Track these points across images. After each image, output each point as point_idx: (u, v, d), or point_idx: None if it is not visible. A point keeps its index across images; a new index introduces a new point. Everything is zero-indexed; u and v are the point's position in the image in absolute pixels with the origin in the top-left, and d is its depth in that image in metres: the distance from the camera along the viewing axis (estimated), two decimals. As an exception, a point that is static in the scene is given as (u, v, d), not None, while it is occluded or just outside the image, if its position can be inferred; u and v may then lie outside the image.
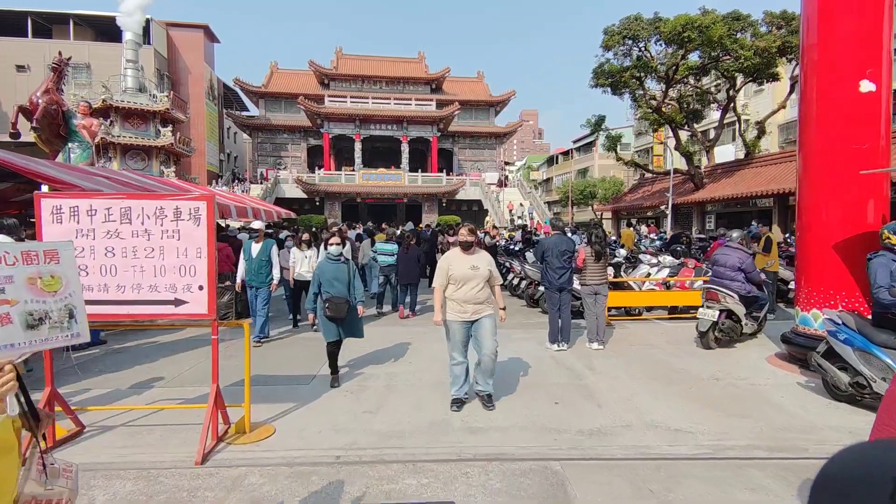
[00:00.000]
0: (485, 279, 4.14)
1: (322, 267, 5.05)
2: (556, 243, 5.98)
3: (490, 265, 4.23)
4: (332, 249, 5.09)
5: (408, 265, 8.94)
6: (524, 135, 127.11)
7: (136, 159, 22.07)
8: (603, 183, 37.68)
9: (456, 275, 4.08)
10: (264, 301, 6.66)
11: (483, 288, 4.14)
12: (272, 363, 5.73)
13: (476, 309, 4.12)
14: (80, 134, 16.44)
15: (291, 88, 41.62)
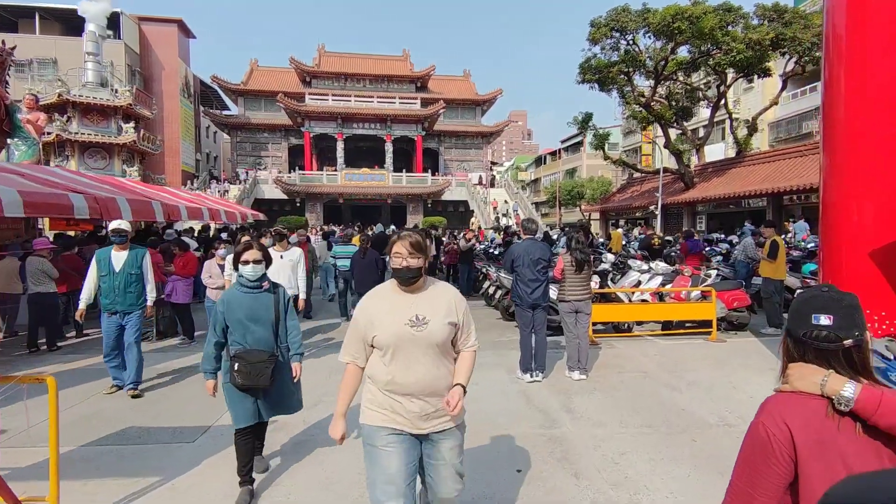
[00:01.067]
0: (442, 344, 2.05)
1: (229, 299, 3.01)
2: (527, 250, 4.92)
3: (456, 313, 2.11)
4: (247, 271, 3.02)
5: (364, 271, 7.92)
6: (513, 136, 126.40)
7: (95, 158, 20.71)
8: (591, 183, 36.88)
9: (382, 336, 2.02)
10: (135, 332, 4.74)
11: (442, 362, 2.08)
12: (159, 409, 4.42)
13: (427, 410, 2.04)
14: (25, 129, 15.12)
15: (272, 86, 40.28)
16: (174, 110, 36.26)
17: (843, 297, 1.18)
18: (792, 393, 1.15)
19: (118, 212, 8.74)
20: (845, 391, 1.06)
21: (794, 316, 1.22)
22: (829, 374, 1.11)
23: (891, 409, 1.02)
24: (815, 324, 1.15)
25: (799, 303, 1.22)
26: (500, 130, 43.56)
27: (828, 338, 1.14)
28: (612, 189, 34.89)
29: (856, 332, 1.13)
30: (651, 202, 24.80)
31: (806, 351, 1.17)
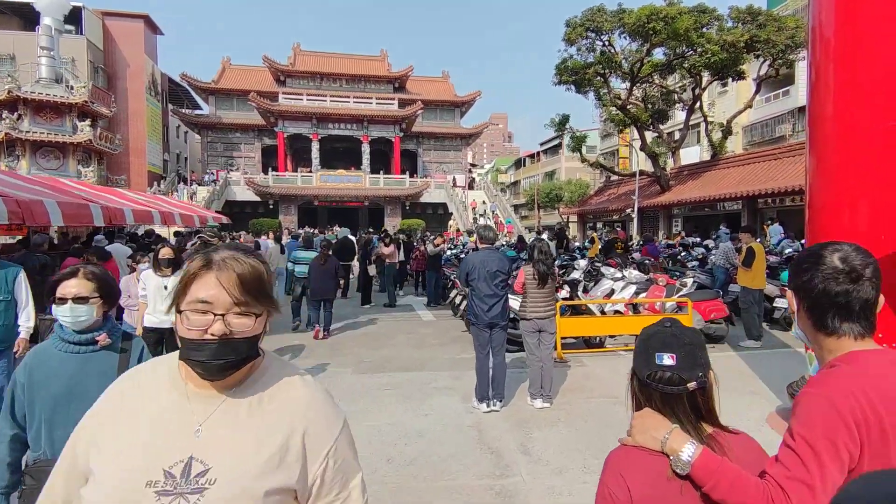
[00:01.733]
0: None
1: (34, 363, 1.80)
2: (483, 261, 4.36)
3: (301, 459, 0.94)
4: (64, 314, 1.83)
5: (322, 278, 7.38)
6: (494, 138, 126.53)
7: (48, 158, 19.53)
8: (569, 185, 36.74)
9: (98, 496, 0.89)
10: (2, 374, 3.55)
11: None
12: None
13: None
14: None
15: (244, 85, 39.13)
16: (139, 109, 34.85)
17: (684, 334, 1.10)
18: (634, 447, 1.06)
19: (45, 216, 7.94)
20: (683, 454, 0.98)
21: (638, 354, 1.13)
22: (672, 430, 1.02)
23: (725, 485, 0.95)
24: (658, 364, 1.07)
25: (642, 339, 1.14)
26: (479, 132, 43.19)
27: (671, 380, 1.05)
28: (590, 192, 34.80)
29: (699, 373, 1.06)
30: (628, 205, 24.63)
31: (652, 395, 1.09)
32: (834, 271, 1.07)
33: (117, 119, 33.87)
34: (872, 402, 0.96)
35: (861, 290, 1.06)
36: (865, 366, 1.03)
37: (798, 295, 1.15)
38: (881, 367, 1.02)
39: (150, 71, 36.10)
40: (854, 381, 1.00)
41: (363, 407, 4.52)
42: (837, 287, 1.06)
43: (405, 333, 7.77)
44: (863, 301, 1.06)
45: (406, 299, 11.36)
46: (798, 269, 1.15)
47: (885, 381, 0.99)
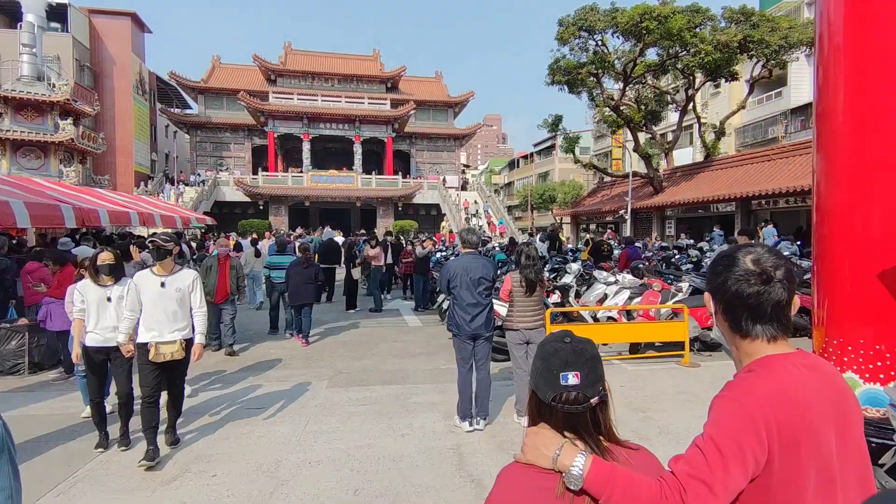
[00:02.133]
0: None
1: None
2: (466, 268, 4.02)
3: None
4: None
5: (300, 283, 7.05)
6: (488, 139, 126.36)
7: (29, 157, 18.98)
8: (563, 186, 36.52)
9: None
10: None
11: None
12: None
13: None
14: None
15: (234, 84, 38.62)
16: (126, 108, 34.26)
17: (585, 349, 1.07)
18: (526, 465, 1.04)
19: (10, 217, 7.52)
20: (574, 468, 0.96)
21: (540, 375, 1.07)
22: (562, 445, 1.00)
23: (618, 494, 0.93)
24: (564, 385, 1.03)
25: (542, 359, 1.08)
26: (472, 133, 42.93)
27: (577, 399, 1.03)
28: (584, 193, 34.59)
29: (600, 388, 1.06)
30: (621, 206, 24.41)
31: (554, 414, 1.05)
32: (746, 273, 1.06)
33: (103, 118, 33.26)
34: (785, 408, 0.96)
35: (772, 291, 1.05)
36: (780, 371, 1.02)
37: (714, 297, 1.14)
38: (795, 372, 1.01)
39: (137, 69, 35.50)
40: (768, 386, 0.99)
41: (334, 426, 4.16)
42: (749, 289, 1.06)
43: (389, 341, 7.41)
44: (774, 303, 1.05)
45: (393, 303, 11.01)
46: (713, 271, 1.14)
47: (798, 386, 0.99)
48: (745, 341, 1.08)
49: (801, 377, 1.00)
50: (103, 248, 4.11)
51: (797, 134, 24.92)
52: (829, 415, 0.98)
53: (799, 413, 0.96)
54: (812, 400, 0.98)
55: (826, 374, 1.04)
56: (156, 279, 3.72)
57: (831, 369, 1.09)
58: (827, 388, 1.01)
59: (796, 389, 0.98)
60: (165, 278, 3.75)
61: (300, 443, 3.83)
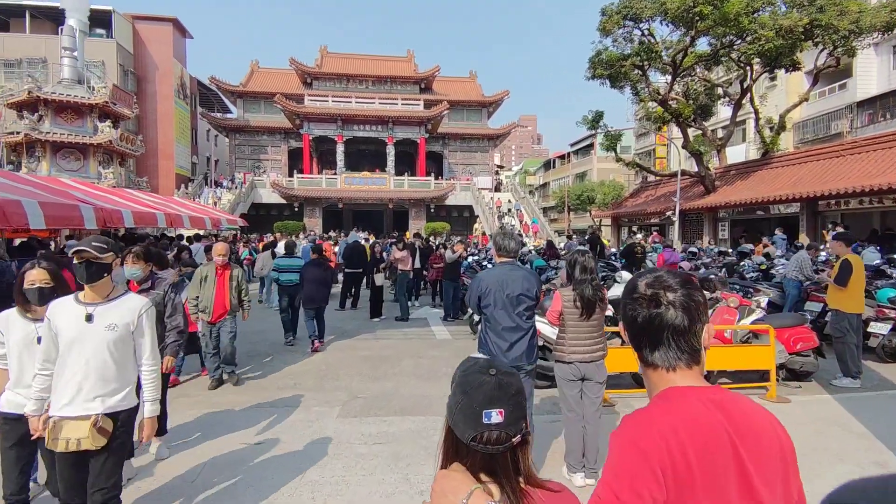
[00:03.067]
0: None
1: None
2: (502, 281, 3.14)
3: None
4: None
5: (314, 285, 6.56)
6: (522, 140, 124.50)
7: (69, 159, 19.34)
8: (602, 187, 34.90)
9: None
10: None
11: None
12: None
13: None
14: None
15: (272, 88, 39.05)
16: (168, 112, 35.14)
17: (510, 383, 0.99)
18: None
19: (22, 217, 7.18)
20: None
21: (459, 410, 0.98)
22: (472, 492, 0.93)
23: None
24: (486, 423, 0.95)
25: (463, 392, 0.99)
26: (507, 133, 41.86)
27: (498, 439, 0.96)
28: (625, 193, 32.93)
29: (522, 426, 0.99)
30: (667, 207, 22.87)
31: (470, 454, 0.97)
32: (640, 297, 1.02)
33: (146, 122, 34.22)
34: (682, 443, 0.90)
35: (665, 315, 0.99)
36: (678, 403, 0.96)
37: (624, 328, 1.09)
38: (695, 405, 0.95)
39: (178, 74, 36.38)
40: (664, 420, 0.93)
41: (339, 474, 3.38)
42: (641, 313, 1.02)
43: (413, 357, 6.60)
44: (670, 327, 0.99)
45: (421, 311, 10.21)
46: (622, 300, 1.09)
47: (696, 420, 0.92)
48: (650, 371, 1.03)
49: (705, 413, 0.93)
50: (35, 263, 2.73)
51: (864, 129, 22.67)
52: (736, 456, 0.89)
53: (695, 447, 0.89)
54: (714, 438, 0.89)
55: (740, 413, 0.94)
56: (78, 310, 2.35)
57: (750, 407, 0.98)
58: (737, 427, 0.91)
59: (693, 422, 0.91)
60: (95, 308, 2.35)
61: (293, 499, 3.06)
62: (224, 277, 5.47)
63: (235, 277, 5.60)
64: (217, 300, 5.37)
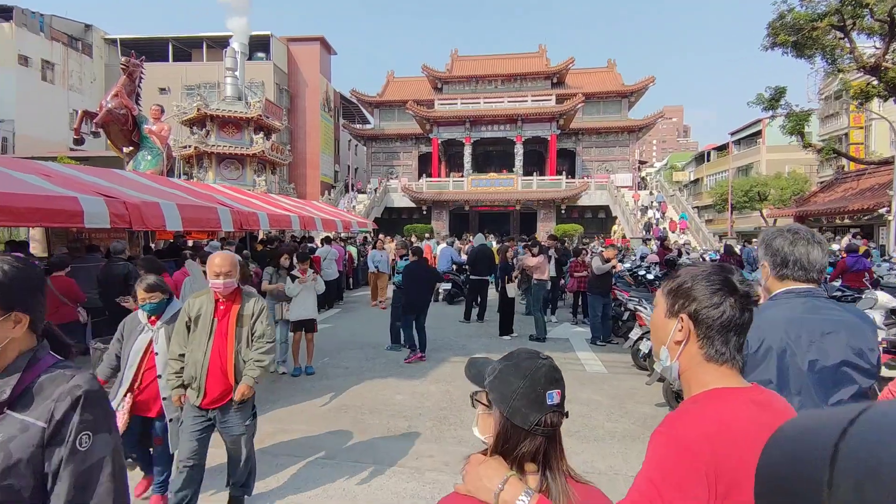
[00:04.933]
0: None
1: None
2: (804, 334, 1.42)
3: None
4: None
5: (417, 287, 5.96)
6: (666, 133, 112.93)
7: (230, 168, 21.47)
8: (778, 181, 28.98)
9: None
10: None
11: None
12: None
13: None
14: (150, 139, 15.52)
15: (404, 95, 40.27)
16: (315, 124, 38.16)
17: (558, 367, 1.02)
18: (467, 497, 0.95)
19: (160, 219, 7.22)
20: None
21: (523, 396, 0.96)
22: (507, 478, 0.91)
23: None
24: (550, 404, 0.95)
25: (525, 377, 0.98)
26: (651, 124, 37.50)
27: (559, 422, 0.97)
28: (811, 187, 26.92)
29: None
30: (879, 204, 17.74)
31: (528, 442, 0.95)
32: (737, 293, 1.02)
33: (296, 134, 37.59)
34: (730, 443, 0.88)
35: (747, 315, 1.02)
36: (726, 403, 0.94)
37: (692, 317, 1.03)
38: (742, 406, 0.94)
39: (324, 89, 39.39)
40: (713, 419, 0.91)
41: None
42: (732, 309, 1.01)
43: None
44: (744, 327, 1.02)
45: (560, 329, 8.52)
46: (696, 283, 1.05)
47: (743, 421, 0.91)
48: (704, 366, 1.00)
49: (750, 413, 0.92)
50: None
51: None
52: None
53: (744, 451, 0.85)
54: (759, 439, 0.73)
55: (781, 413, 0.93)
56: None
57: (784, 406, 0.98)
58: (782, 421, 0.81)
59: (743, 426, 0.89)
60: None
61: None
62: (226, 324, 2.91)
63: (255, 317, 2.98)
64: (211, 374, 2.83)
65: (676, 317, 1.03)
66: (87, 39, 31.24)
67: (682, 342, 1.02)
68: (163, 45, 34.42)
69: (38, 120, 26.47)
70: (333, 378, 5.64)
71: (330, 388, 5.29)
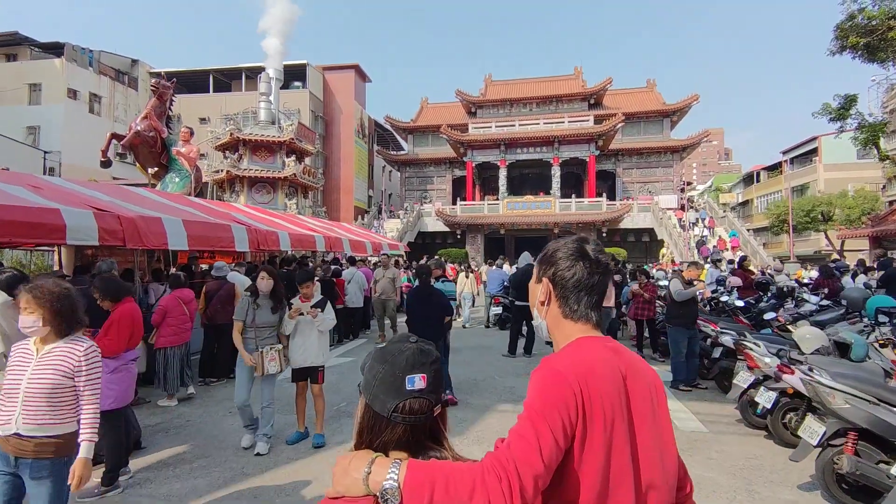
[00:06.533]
0: None
1: None
2: None
3: None
4: None
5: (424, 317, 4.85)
6: (706, 156, 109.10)
7: (262, 192, 21.15)
8: (844, 199, 26.53)
9: None
10: None
11: None
12: None
13: None
14: (178, 161, 15.17)
15: (438, 121, 40.05)
16: (349, 150, 38.22)
17: (430, 350, 1.00)
18: (338, 501, 0.88)
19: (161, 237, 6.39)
20: (388, 480, 0.83)
21: (382, 381, 0.93)
22: (375, 458, 0.88)
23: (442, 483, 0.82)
24: (409, 389, 0.92)
25: (385, 361, 0.96)
26: (695, 143, 35.71)
27: (421, 408, 0.93)
28: (881, 206, 24.41)
29: (443, 394, 0.98)
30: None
31: (390, 430, 0.92)
32: (588, 260, 1.16)
33: (330, 160, 37.69)
34: (594, 377, 1.00)
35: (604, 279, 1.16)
36: (589, 348, 1.07)
37: (552, 281, 1.18)
38: (601, 350, 1.07)
39: (358, 115, 39.60)
40: (580, 359, 1.03)
41: None
42: (585, 273, 1.15)
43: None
44: (601, 289, 1.15)
45: (626, 366, 7.12)
46: (553, 256, 1.21)
47: (602, 361, 1.04)
48: (568, 321, 1.12)
49: (607, 356, 1.05)
50: None
51: None
52: (625, 389, 1.03)
53: (604, 384, 0.99)
54: (613, 375, 1.02)
55: (628, 357, 1.09)
56: None
57: (632, 354, 1.13)
58: (626, 368, 1.06)
59: (602, 365, 1.02)
60: None
61: None
62: None
63: None
64: None
65: (541, 281, 1.16)
66: (134, 73, 32.45)
67: (544, 303, 1.15)
68: (204, 76, 35.46)
69: (83, 150, 27.26)
70: (348, 431, 4.47)
71: (343, 446, 4.11)
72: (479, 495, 0.82)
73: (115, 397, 3.21)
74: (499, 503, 0.82)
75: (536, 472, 0.87)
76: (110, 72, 30.63)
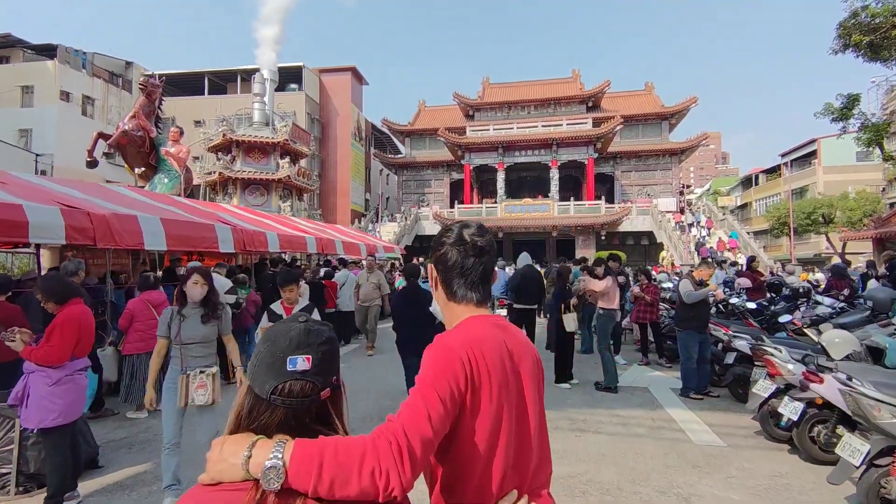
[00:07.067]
0: None
1: None
2: None
3: None
4: None
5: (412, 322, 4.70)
6: (703, 160, 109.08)
7: (255, 194, 20.75)
8: (845, 202, 26.27)
9: None
10: None
11: None
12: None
13: None
14: (168, 162, 14.77)
15: (436, 124, 39.77)
16: (346, 153, 37.86)
17: (321, 330, 0.94)
18: (209, 487, 0.81)
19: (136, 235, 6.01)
20: (271, 459, 0.77)
21: (262, 361, 0.88)
22: (257, 440, 0.81)
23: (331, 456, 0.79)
24: (290, 370, 0.86)
25: (268, 340, 0.91)
26: (694, 146, 35.47)
27: (303, 390, 0.86)
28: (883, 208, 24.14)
29: (334, 378, 0.93)
30: None
31: (272, 413, 0.85)
32: (468, 244, 1.22)
33: (327, 163, 37.31)
34: (481, 351, 1.05)
35: (487, 263, 1.24)
36: (476, 326, 1.13)
37: (438, 267, 1.25)
38: (487, 327, 1.13)
39: (355, 118, 39.27)
40: (468, 336, 1.08)
41: None
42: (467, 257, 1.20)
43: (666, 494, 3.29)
44: (484, 271, 1.21)
45: (632, 374, 6.68)
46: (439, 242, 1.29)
47: (488, 336, 1.10)
48: (456, 303, 1.19)
49: (493, 332, 1.12)
50: None
51: None
52: (510, 362, 1.10)
53: (490, 357, 1.05)
54: (498, 348, 1.08)
55: (512, 333, 1.18)
56: None
57: (516, 329, 1.22)
58: (510, 342, 1.13)
59: (488, 340, 1.08)
60: None
61: None
62: None
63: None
64: None
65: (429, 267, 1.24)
66: (128, 76, 32.08)
67: (434, 287, 1.23)
68: (199, 79, 35.14)
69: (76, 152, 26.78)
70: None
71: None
72: (369, 459, 0.82)
73: (60, 412, 2.81)
74: (389, 465, 0.82)
75: (425, 435, 0.89)
76: (104, 74, 30.27)
